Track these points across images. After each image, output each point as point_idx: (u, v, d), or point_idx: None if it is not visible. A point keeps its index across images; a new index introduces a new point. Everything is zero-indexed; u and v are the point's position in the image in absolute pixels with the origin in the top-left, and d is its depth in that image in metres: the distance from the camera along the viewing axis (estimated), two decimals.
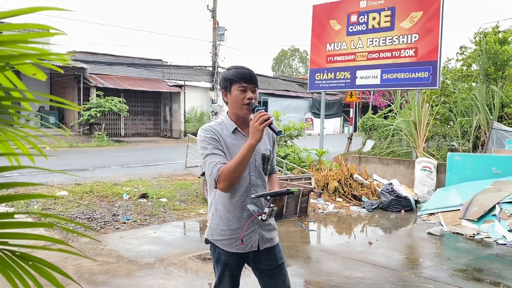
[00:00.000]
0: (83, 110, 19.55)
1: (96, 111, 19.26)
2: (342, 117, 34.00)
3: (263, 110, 2.21)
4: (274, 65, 64.78)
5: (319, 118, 12.43)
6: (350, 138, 14.93)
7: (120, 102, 20.05)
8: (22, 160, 1.19)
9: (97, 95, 20.27)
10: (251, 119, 2.37)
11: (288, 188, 2.26)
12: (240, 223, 2.33)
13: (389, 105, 13.76)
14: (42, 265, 0.92)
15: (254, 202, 2.33)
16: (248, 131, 2.33)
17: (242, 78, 2.28)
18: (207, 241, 2.44)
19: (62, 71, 1.32)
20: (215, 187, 2.25)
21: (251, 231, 2.36)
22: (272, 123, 2.18)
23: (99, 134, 19.66)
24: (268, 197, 2.27)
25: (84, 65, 20.38)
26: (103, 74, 22.24)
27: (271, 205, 2.28)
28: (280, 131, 2.24)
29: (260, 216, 2.25)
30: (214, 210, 2.39)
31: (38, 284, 0.95)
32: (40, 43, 0.98)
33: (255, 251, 2.38)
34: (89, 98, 20.64)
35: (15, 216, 0.98)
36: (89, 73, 20.98)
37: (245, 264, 2.51)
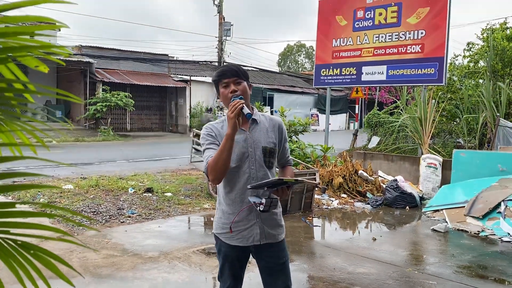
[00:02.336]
0: (89, 105, 19.64)
1: (102, 105, 19.32)
2: (348, 113, 33.86)
3: (238, 99, 2.24)
4: (280, 60, 64.55)
5: (325, 114, 12.42)
6: (355, 134, 14.91)
7: (126, 96, 20.11)
8: (27, 153, 1.20)
9: (103, 90, 20.34)
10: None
11: (281, 177, 2.25)
12: (241, 216, 2.36)
13: (395, 102, 13.68)
14: (44, 254, 0.93)
15: (257, 195, 2.33)
16: (247, 126, 2.37)
17: (221, 76, 2.36)
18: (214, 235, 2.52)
19: (64, 64, 1.33)
20: (208, 180, 2.32)
21: (252, 224, 2.36)
22: (243, 108, 2.20)
23: (105, 129, 19.74)
24: (266, 188, 2.26)
25: (91, 60, 20.45)
26: (110, 69, 22.29)
27: (271, 195, 2.27)
28: (249, 113, 2.25)
29: (258, 207, 2.24)
30: (217, 205, 2.47)
31: (40, 274, 0.96)
32: (46, 36, 0.99)
33: (256, 246, 2.38)
34: (96, 93, 20.72)
35: (19, 206, 0.99)
36: (96, 68, 21.04)
37: (249, 259, 2.53)
